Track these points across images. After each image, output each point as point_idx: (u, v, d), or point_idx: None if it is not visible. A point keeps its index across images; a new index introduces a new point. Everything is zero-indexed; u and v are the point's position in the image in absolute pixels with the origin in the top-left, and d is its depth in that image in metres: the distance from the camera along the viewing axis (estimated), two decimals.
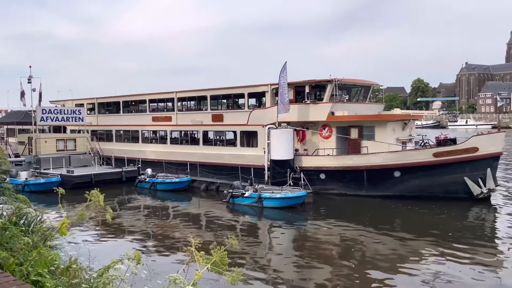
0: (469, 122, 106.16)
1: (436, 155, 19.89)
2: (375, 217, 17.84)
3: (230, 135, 26.91)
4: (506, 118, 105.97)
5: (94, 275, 3.36)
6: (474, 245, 13.57)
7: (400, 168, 20.32)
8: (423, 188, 20.03)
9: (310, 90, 23.84)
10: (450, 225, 16.27)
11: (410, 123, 24.13)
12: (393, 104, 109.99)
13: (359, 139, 22.62)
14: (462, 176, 19.59)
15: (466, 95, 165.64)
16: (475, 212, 18.34)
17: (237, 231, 16.37)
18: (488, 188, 19.47)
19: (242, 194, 20.20)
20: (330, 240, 14.94)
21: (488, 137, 20.42)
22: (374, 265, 12.02)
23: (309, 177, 21.48)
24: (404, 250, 13.49)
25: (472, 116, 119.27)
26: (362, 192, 21.01)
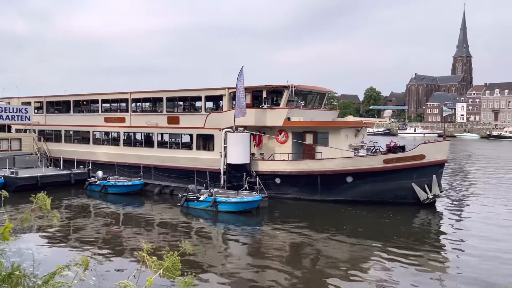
0: (417, 130, 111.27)
1: (386, 161, 20.68)
2: (328, 221, 18.26)
3: (186, 138, 26.58)
4: (451, 127, 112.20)
5: (38, 282, 3.20)
6: (419, 249, 14.20)
7: (353, 173, 20.94)
8: (374, 193, 20.75)
9: (267, 95, 24.07)
10: (398, 230, 16.95)
11: (363, 130, 24.95)
12: (347, 111, 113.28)
13: (314, 144, 23.08)
14: (410, 182, 20.48)
15: (415, 104, 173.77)
16: (421, 217, 19.21)
17: (191, 235, 16.16)
18: (433, 194, 20.47)
19: (197, 198, 19.99)
20: (283, 244, 15.10)
21: (434, 145, 21.49)
22: (325, 269, 12.29)
23: (264, 181, 21.63)
24: (354, 253, 13.88)
25: (420, 124, 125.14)
26: (316, 196, 21.44)
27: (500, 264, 12.39)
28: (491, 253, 13.32)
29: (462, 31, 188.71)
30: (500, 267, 12.10)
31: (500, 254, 13.30)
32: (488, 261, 12.59)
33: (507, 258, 12.86)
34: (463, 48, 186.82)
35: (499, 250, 13.64)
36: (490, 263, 12.40)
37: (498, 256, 13.10)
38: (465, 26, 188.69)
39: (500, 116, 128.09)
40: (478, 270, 11.90)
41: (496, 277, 11.29)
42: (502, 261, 12.59)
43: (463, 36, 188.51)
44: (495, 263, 12.45)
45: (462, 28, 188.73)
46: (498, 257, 12.93)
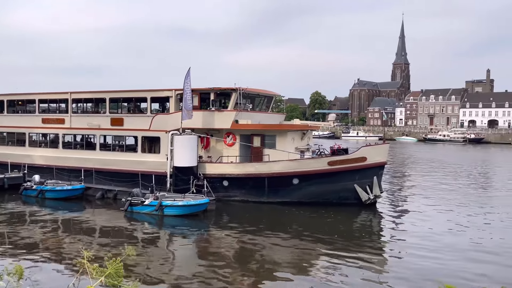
0: (360, 134, 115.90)
1: (330, 163, 21.32)
2: (274, 223, 18.49)
3: (130, 140, 25.79)
4: (390, 131, 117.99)
5: None
6: (361, 248, 14.77)
7: (299, 175, 21.37)
8: (318, 195, 21.30)
9: (215, 97, 23.98)
10: (341, 230, 17.52)
11: (308, 133, 25.56)
12: (294, 114, 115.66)
13: (261, 147, 23.30)
14: (352, 183, 21.25)
15: (358, 108, 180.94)
16: (363, 217, 20.00)
17: (135, 240, 15.69)
18: (374, 194, 21.39)
19: (141, 202, 19.45)
20: (231, 247, 15.08)
21: (375, 148, 22.46)
22: (271, 270, 12.43)
23: (212, 184, 21.49)
24: (299, 254, 14.16)
25: (362, 128, 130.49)
26: (263, 198, 21.64)
27: (437, 263, 13.07)
28: (428, 252, 14.02)
29: (401, 40, 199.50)
30: (437, 266, 12.70)
31: (437, 253, 14.04)
32: (425, 260, 13.18)
33: (444, 257, 13.52)
34: (402, 56, 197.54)
35: (436, 249, 14.39)
36: (428, 262, 12.99)
37: (435, 255, 13.83)
38: (404, 35, 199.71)
39: (435, 121, 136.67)
40: (416, 268, 12.46)
41: (433, 276, 11.95)
42: (439, 260, 13.29)
43: (401, 45, 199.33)
44: (432, 262, 13.08)
45: (401, 37, 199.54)
46: (435, 257, 13.65)
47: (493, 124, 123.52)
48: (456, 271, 12.13)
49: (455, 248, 14.51)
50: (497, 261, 13.03)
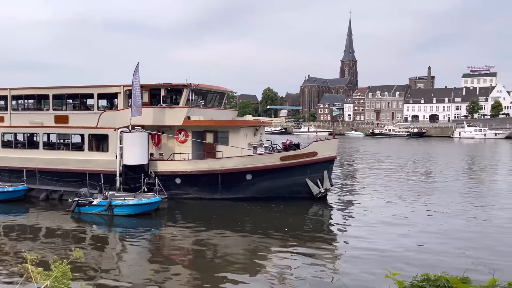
0: (311, 129, 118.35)
1: (282, 159, 21.63)
2: (228, 219, 18.51)
3: (76, 138, 24.73)
4: (339, 126, 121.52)
5: None
6: (313, 242, 15.13)
7: (252, 171, 21.50)
8: (271, 190, 21.56)
9: (166, 93, 23.51)
10: (293, 224, 17.84)
11: (261, 129, 25.76)
12: (246, 111, 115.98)
13: (214, 143, 23.17)
14: (304, 178, 21.70)
15: (308, 104, 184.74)
16: (314, 210, 20.50)
17: (83, 242, 15.11)
18: (325, 188, 21.97)
19: (89, 202, 18.75)
20: (184, 245, 14.93)
21: (325, 142, 23.04)
22: (225, 267, 12.44)
23: (164, 182, 21.12)
24: (253, 249, 14.27)
25: (313, 123, 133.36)
26: (217, 195, 21.58)
27: (386, 253, 13.54)
28: (377, 243, 14.58)
29: (348, 37, 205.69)
30: (386, 256, 13.11)
31: (385, 243, 14.66)
32: (375, 251, 13.64)
33: (392, 247, 14.10)
34: (350, 53, 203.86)
35: (384, 240, 15.04)
36: (377, 253, 13.46)
37: (383, 246, 14.41)
38: (351, 33, 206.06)
39: (381, 116, 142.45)
40: (366, 259, 12.84)
41: (382, 266, 12.46)
42: (388, 250, 13.83)
43: (349, 42, 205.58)
44: (381, 252, 13.56)
45: (348, 35, 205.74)
46: (383, 247, 14.19)
47: (434, 119, 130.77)
48: (403, 259, 12.72)
49: (402, 237, 15.21)
50: (441, 249, 13.82)
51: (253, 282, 11.27)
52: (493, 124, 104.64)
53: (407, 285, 2.58)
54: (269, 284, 10.99)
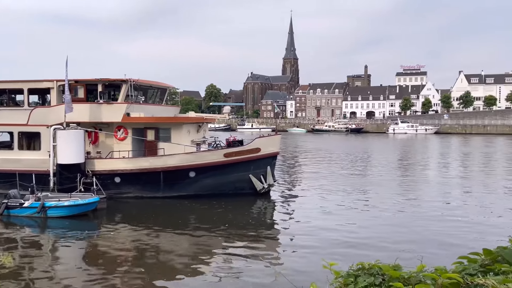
0: (254, 126, 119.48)
1: (226, 155, 21.58)
2: (171, 218, 18.16)
3: (5, 136, 23.02)
4: (282, 123, 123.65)
5: None
6: (257, 239, 15.25)
7: (195, 168, 21.24)
8: (215, 187, 21.44)
9: (104, 89, 22.53)
10: (237, 220, 17.88)
11: (204, 126, 25.50)
12: (189, 107, 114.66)
13: (155, 141, 22.60)
14: (247, 174, 21.81)
15: (252, 101, 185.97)
16: (258, 206, 20.69)
17: (13, 247, 14.09)
18: (268, 183, 22.25)
19: (20, 204, 17.54)
20: (124, 246, 14.42)
21: (268, 139, 23.30)
22: (168, 266, 12.20)
23: (102, 181, 20.25)
24: (196, 249, 14.10)
25: (256, 120, 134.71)
26: (159, 193, 21.09)
27: (326, 247, 13.95)
28: (318, 237, 14.97)
29: (290, 35, 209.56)
30: (326, 250, 13.47)
31: (328, 237, 15.10)
32: (317, 244, 14.03)
33: (332, 241, 14.50)
34: (291, 51, 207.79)
35: (325, 234, 15.47)
36: (318, 246, 13.87)
37: (325, 239, 14.83)
38: (292, 31, 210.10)
39: (321, 112, 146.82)
40: (308, 254, 13.15)
41: (325, 258, 12.83)
42: (330, 243, 14.24)
43: (291, 40, 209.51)
44: (322, 246, 13.97)
45: (290, 33, 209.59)
46: (324, 241, 14.59)
47: (370, 115, 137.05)
48: (342, 250, 13.20)
49: (341, 230, 15.77)
50: (376, 239, 14.50)
51: (195, 281, 11.14)
52: (423, 120, 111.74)
53: (343, 274, 2.64)
54: (212, 283, 10.92)
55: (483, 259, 2.27)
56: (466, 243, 13.42)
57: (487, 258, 2.26)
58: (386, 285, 2.39)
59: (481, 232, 15.03)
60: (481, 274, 2.05)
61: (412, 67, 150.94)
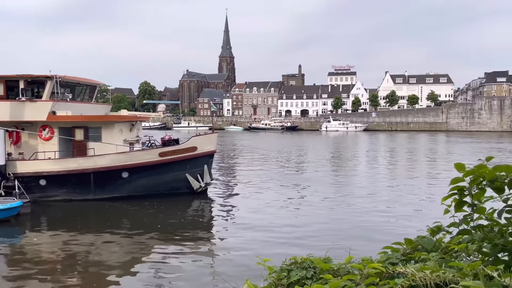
0: (191, 124, 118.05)
1: (161, 154, 21.07)
2: (103, 221, 17.38)
3: None
4: (219, 121, 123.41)
5: None
6: (194, 237, 15.12)
7: (128, 168, 20.50)
8: (150, 187, 20.85)
9: (26, 86, 20.96)
10: (174, 221, 17.56)
11: (137, 124, 24.68)
12: (121, 105, 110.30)
13: (85, 140, 21.48)
14: (184, 173, 21.48)
15: (188, 99, 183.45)
16: (195, 205, 20.47)
17: None
18: (205, 182, 22.07)
19: None
20: (52, 252, 13.54)
21: (204, 137, 23.10)
22: (100, 272, 11.66)
23: (26, 184, 18.88)
24: (131, 252, 13.65)
25: (193, 118, 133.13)
26: (90, 196, 20.08)
27: (261, 243, 14.05)
28: (254, 233, 15.12)
29: (225, 33, 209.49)
30: (261, 247, 13.58)
31: (264, 232, 15.23)
32: (252, 241, 14.14)
33: (268, 237, 14.66)
34: (227, 49, 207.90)
35: (261, 230, 15.62)
36: (254, 243, 13.97)
37: (263, 235, 14.95)
38: (228, 29, 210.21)
39: (258, 111, 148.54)
40: (243, 251, 13.15)
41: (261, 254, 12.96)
42: (264, 240, 14.33)
43: (226, 38, 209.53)
44: (258, 243, 14.07)
45: (225, 31, 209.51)
46: (260, 238, 14.68)
47: (304, 113, 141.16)
48: (277, 246, 13.44)
49: (277, 225, 16.05)
50: (309, 234, 14.96)
51: (129, 285, 10.75)
52: (353, 118, 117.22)
53: (277, 269, 2.67)
54: (147, 286, 10.61)
55: (404, 248, 2.40)
56: (392, 234, 14.26)
57: (408, 247, 2.38)
58: (317, 277, 2.45)
59: (405, 223, 16.07)
60: (402, 262, 2.16)
61: (342, 67, 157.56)
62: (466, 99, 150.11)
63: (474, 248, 2.05)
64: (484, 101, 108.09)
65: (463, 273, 1.61)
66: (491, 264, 1.77)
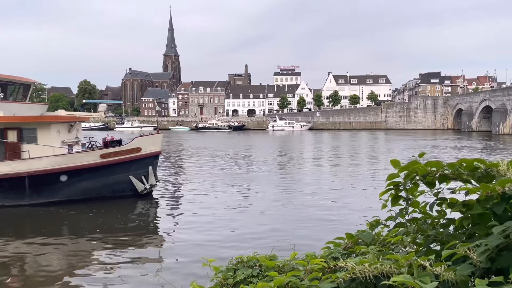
0: (135, 124, 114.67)
1: (103, 156, 20.27)
2: (38, 227, 16.39)
3: None
4: (165, 121, 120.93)
5: None
6: (139, 241, 14.66)
7: (67, 171, 19.51)
8: (91, 190, 20.00)
9: None
10: (118, 224, 16.96)
11: (77, 125, 23.58)
12: (59, 105, 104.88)
13: (18, 142, 20.18)
14: (128, 175, 20.81)
15: (131, 98, 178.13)
16: (140, 208, 19.89)
17: None
18: (150, 184, 21.53)
19: None
20: None
21: (149, 138, 22.52)
22: (38, 281, 11.00)
23: None
24: (71, 257, 13.00)
25: (137, 118, 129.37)
26: (25, 201, 18.88)
27: (208, 244, 13.86)
28: (201, 234, 14.90)
29: (170, 32, 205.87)
30: (208, 247, 13.40)
31: (209, 235, 15.05)
32: (198, 243, 13.92)
33: (215, 237, 14.51)
34: (172, 48, 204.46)
35: (208, 231, 15.45)
36: (201, 244, 13.76)
37: (207, 237, 14.68)
38: (172, 27, 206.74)
39: (204, 110, 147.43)
40: (190, 252, 12.94)
41: (205, 255, 12.86)
42: (211, 241, 14.16)
43: (171, 37, 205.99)
44: (204, 243, 13.86)
45: (170, 29, 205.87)
46: (207, 239, 14.46)
47: (251, 113, 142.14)
48: (225, 246, 13.41)
49: (224, 226, 16.01)
50: (256, 232, 15.08)
51: None
52: (299, 117, 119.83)
53: (223, 269, 2.66)
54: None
55: (346, 242, 2.48)
56: (335, 229, 14.74)
57: (350, 241, 2.47)
58: (263, 274, 2.47)
59: (348, 218, 16.67)
60: (344, 256, 2.23)
61: (288, 67, 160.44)
62: (403, 98, 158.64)
63: (409, 240, 2.16)
64: (419, 101, 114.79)
65: (399, 265, 1.68)
66: (424, 254, 1.87)
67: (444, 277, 1.53)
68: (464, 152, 45.08)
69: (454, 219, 2.05)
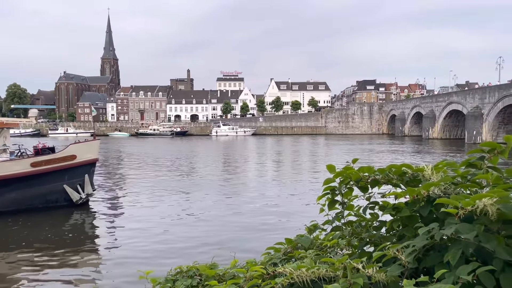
0: (70, 130, 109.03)
1: (34, 165, 19.06)
2: None
3: None
4: (103, 127, 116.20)
5: None
6: (74, 253, 13.88)
7: None
8: (20, 201, 18.70)
9: None
10: (51, 237, 15.94)
11: (4, 132, 21.96)
12: None
13: None
14: (62, 184, 19.72)
15: (66, 103, 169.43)
16: (75, 219, 18.84)
17: None
18: (86, 193, 20.53)
19: None
20: None
21: (85, 144, 21.50)
22: None
23: None
24: (5, 272, 12.05)
25: (72, 124, 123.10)
26: None
27: (147, 256, 13.34)
28: (140, 245, 14.34)
29: (108, 34, 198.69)
30: (147, 259, 12.90)
31: (147, 246, 14.46)
32: (137, 254, 13.40)
33: (153, 248, 14.02)
34: (110, 51, 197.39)
35: (147, 242, 14.87)
36: (139, 256, 13.24)
37: (146, 248, 14.11)
38: (111, 30, 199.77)
39: (145, 116, 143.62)
40: (127, 264, 12.43)
41: (142, 268, 12.47)
42: (149, 252, 13.68)
43: (109, 39, 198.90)
44: (143, 255, 13.38)
45: (108, 32, 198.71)
46: (146, 249, 13.92)
47: (194, 118, 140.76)
48: (163, 256, 13.05)
49: (163, 235, 15.59)
50: (197, 241, 14.87)
51: None
52: (242, 123, 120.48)
53: (161, 281, 2.59)
54: None
55: (285, 247, 2.51)
56: (277, 234, 14.92)
57: (289, 246, 2.50)
58: (203, 284, 2.43)
59: (290, 222, 16.93)
60: (283, 262, 2.25)
61: (230, 73, 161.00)
62: (341, 105, 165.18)
63: (345, 242, 2.23)
64: (356, 107, 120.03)
65: (334, 268, 1.73)
66: (358, 256, 1.94)
67: (376, 278, 1.60)
68: (396, 156, 47.74)
69: (386, 221, 2.15)
